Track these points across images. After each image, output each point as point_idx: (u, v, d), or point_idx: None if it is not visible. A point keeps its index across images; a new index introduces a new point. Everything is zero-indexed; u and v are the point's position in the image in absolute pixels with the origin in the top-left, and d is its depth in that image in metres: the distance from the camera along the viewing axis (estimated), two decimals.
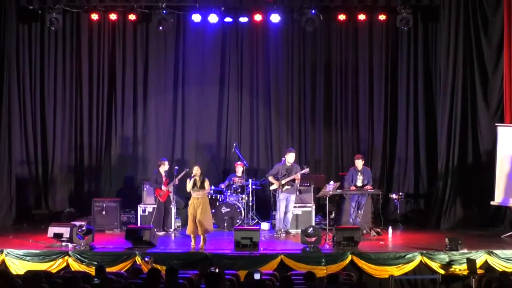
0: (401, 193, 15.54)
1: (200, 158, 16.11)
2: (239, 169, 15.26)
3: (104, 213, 14.72)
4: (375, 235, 13.99)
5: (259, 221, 15.08)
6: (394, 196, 15.41)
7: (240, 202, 14.91)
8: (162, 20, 15.39)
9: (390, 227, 14.22)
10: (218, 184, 15.34)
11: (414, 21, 15.58)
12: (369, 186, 14.42)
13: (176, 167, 14.23)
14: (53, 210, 16.03)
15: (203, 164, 15.24)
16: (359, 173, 14.45)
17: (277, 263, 12.15)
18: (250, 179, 15.16)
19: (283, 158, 14.29)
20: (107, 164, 16.28)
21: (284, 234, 14.10)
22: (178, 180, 14.24)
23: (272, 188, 14.41)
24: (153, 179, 14.60)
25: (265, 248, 12.76)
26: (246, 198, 14.97)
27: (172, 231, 14.32)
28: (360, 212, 14.26)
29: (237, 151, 15.55)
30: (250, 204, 15.01)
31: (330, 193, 13.72)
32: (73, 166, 16.26)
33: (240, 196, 14.99)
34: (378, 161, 16.18)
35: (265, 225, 14.81)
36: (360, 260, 12.25)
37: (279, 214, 14.12)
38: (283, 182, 14.01)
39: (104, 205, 14.77)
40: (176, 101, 16.33)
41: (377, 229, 14.25)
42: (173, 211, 14.58)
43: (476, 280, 11.27)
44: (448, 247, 12.41)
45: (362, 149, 16.01)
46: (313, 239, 12.56)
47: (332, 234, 13.00)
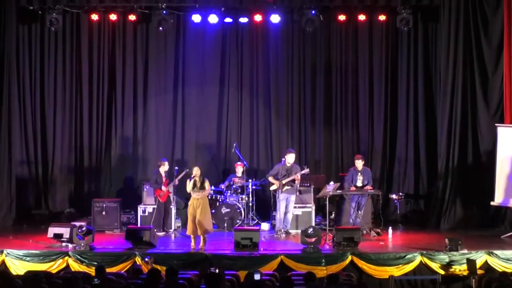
0: (401, 194, 15.53)
1: (200, 159, 16.12)
2: (239, 170, 15.25)
3: (104, 214, 14.71)
4: (375, 236, 13.99)
5: (259, 222, 15.07)
6: (394, 197, 15.40)
7: (240, 203, 14.90)
8: (162, 21, 15.38)
9: (390, 228, 14.21)
10: (218, 185, 15.33)
11: (414, 21, 15.57)
12: (369, 187, 14.41)
13: (176, 168, 14.22)
14: (53, 211, 16.02)
15: (203, 165, 15.27)
16: (359, 174, 14.44)
17: (277, 264, 12.14)
18: (250, 180, 15.15)
19: (283, 159, 14.28)
20: (107, 165, 16.27)
21: (284, 235, 14.09)
22: (178, 181, 14.24)
23: (272, 189, 14.40)
24: (153, 180, 14.59)
25: (265, 249, 12.76)
26: (246, 199, 14.96)
27: (172, 232, 14.32)
28: (360, 213, 14.25)
29: (237, 152, 15.54)
30: (250, 205, 15.01)
31: (330, 194, 13.71)
32: (73, 166, 16.25)
33: (240, 197, 14.98)
34: (378, 161, 16.17)
35: (265, 226, 14.80)
36: (360, 261, 12.24)
37: (279, 215, 14.11)
38: (284, 182, 14.01)
39: (104, 206, 14.76)
40: (176, 101, 16.32)
41: (377, 230, 14.25)
42: (173, 212, 14.57)
43: (476, 281, 11.25)
44: (448, 248, 12.40)
45: (362, 149, 16.00)
46: (313, 240, 12.55)
47: (332, 235, 13.00)
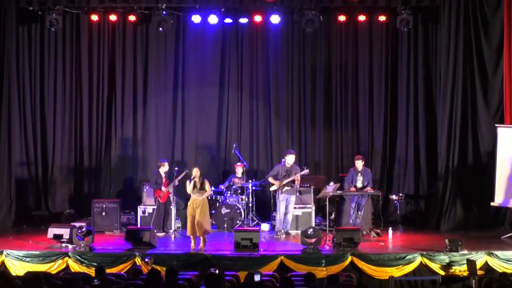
0: (401, 194, 15.54)
1: (200, 159, 16.12)
2: (239, 170, 15.25)
3: (104, 214, 14.71)
4: (375, 236, 13.97)
5: (259, 222, 15.06)
6: (394, 197, 15.40)
7: (240, 203, 14.89)
8: (162, 21, 15.37)
9: (390, 228, 14.20)
10: (218, 185, 15.33)
11: (414, 22, 15.56)
12: (369, 187, 14.41)
13: (176, 168, 14.23)
14: (53, 211, 16.01)
15: (203, 165, 15.27)
16: (359, 174, 14.44)
17: (277, 264, 12.14)
18: (250, 180, 15.14)
19: (283, 159, 14.26)
20: (107, 165, 16.26)
21: (284, 235, 14.08)
22: (178, 181, 14.23)
23: (272, 189, 14.40)
24: (153, 180, 14.59)
25: (265, 249, 12.75)
26: (246, 199, 14.95)
27: (172, 232, 14.33)
28: (360, 213, 14.25)
29: (237, 152, 15.53)
30: (250, 205, 15.00)
31: (330, 194, 13.71)
32: (73, 167, 16.24)
33: (240, 197, 14.97)
34: (378, 162, 16.16)
35: (265, 226, 14.79)
36: (360, 261, 12.24)
37: (279, 215, 14.10)
38: (284, 183, 14.00)
39: (104, 206, 14.76)
40: (176, 102, 16.32)
41: (377, 230, 14.23)
42: (173, 212, 14.56)
43: (476, 281, 11.27)
44: (448, 248, 12.40)
45: (362, 150, 16.00)
46: (313, 240, 12.54)
47: (332, 235, 12.99)
